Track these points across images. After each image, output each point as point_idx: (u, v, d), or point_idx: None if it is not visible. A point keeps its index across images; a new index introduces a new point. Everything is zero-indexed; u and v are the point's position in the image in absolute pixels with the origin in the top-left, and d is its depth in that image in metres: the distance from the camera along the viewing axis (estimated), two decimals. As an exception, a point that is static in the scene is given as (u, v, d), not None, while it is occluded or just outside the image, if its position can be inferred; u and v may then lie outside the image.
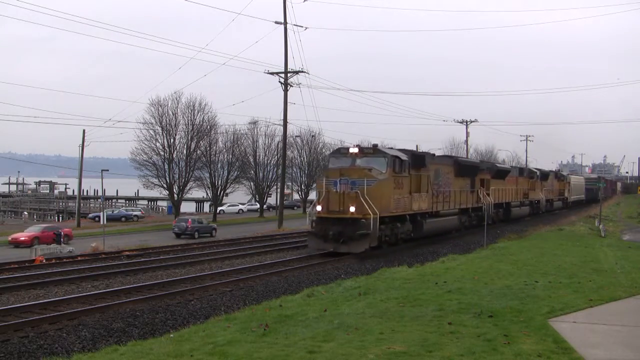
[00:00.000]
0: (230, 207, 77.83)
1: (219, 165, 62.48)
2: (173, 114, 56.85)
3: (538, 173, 55.38)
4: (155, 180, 56.29)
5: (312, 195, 64.85)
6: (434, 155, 33.40)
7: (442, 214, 32.13)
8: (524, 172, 51.63)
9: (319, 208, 25.78)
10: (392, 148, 31.50)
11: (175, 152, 56.49)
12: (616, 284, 15.66)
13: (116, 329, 13.17)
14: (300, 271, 21.73)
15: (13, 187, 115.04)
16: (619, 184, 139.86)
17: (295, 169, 75.53)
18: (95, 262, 25.34)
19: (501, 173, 43.81)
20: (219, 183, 61.72)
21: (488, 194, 39.17)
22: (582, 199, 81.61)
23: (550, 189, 59.65)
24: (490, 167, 41.90)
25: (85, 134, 55.93)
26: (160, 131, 55.66)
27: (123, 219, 61.71)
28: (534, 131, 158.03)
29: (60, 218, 74.12)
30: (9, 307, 15.43)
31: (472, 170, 37.30)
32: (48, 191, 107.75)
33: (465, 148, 76.29)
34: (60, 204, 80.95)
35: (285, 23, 37.37)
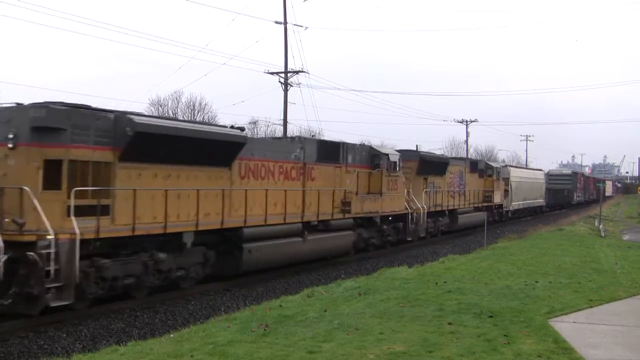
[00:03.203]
0: None
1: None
2: (173, 113, 56.92)
3: (397, 160, 25.35)
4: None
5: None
6: None
7: None
8: (352, 155, 22.98)
9: None
10: None
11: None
12: (616, 284, 15.67)
13: (116, 329, 13.16)
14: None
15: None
16: (609, 184, 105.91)
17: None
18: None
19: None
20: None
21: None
22: (540, 205, 54.96)
23: (456, 190, 33.81)
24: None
25: (85, 134, 55.90)
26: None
27: None
28: (534, 131, 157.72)
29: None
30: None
31: None
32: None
33: (466, 148, 76.27)
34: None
35: (285, 23, 37.34)
